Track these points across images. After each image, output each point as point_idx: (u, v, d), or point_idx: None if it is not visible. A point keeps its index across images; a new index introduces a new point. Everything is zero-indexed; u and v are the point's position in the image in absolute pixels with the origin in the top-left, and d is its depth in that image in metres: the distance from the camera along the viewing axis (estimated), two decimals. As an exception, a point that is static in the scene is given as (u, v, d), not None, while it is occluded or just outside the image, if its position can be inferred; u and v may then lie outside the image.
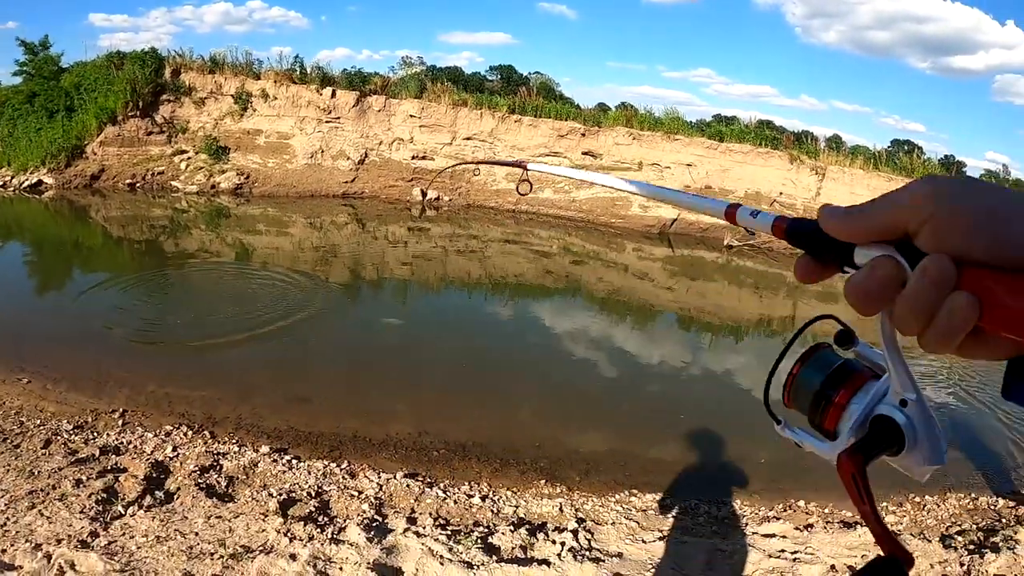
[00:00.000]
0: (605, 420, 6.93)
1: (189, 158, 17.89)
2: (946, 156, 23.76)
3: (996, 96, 66.32)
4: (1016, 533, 4.58)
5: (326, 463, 5.20)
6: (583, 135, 19.29)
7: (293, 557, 3.51)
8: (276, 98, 18.85)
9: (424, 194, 18.54)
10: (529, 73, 30.00)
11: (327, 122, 18.82)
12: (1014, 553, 4.21)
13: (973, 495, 5.94)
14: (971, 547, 4.44)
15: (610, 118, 20.07)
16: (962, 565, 4.09)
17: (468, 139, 19.32)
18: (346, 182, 18.57)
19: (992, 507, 5.65)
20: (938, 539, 4.60)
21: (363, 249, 13.63)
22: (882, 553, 0.53)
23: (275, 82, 18.93)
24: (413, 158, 19.15)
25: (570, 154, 19.31)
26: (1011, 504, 5.60)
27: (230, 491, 4.46)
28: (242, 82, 18.93)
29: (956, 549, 4.35)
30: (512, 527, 4.30)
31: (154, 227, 14.32)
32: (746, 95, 70.86)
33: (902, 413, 0.57)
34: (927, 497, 5.80)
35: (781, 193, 18.28)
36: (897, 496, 5.85)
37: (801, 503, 5.45)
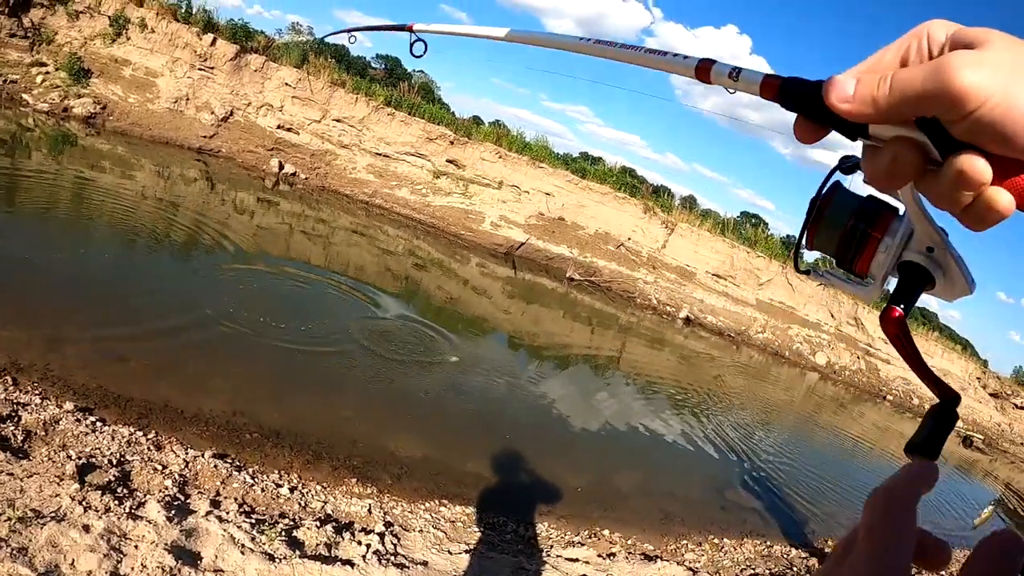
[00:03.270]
0: (425, 427, 6.85)
1: (48, 73, 15.96)
2: (788, 236, 26.45)
3: (845, 192, 75.97)
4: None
5: (132, 430, 4.72)
6: (451, 143, 19.32)
7: (86, 528, 3.18)
8: (154, 31, 17.33)
9: (281, 166, 17.68)
10: (413, 70, 29.84)
11: (200, 69, 17.54)
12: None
13: (769, 542, 6.46)
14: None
15: (481, 133, 20.33)
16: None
17: (338, 121, 18.70)
18: (205, 137, 17.29)
19: (785, 555, 6.17)
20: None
21: (206, 211, 12.69)
22: (936, 399, 0.57)
23: (158, 14, 17.44)
24: (278, 127, 18.24)
25: (434, 159, 19.23)
26: (803, 554, 6.16)
27: (26, 447, 3.94)
28: (124, 5, 17.25)
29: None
30: (319, 523, 4.13)
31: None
32: (616, 140, 74.73)
33: (929, 259, 0.57)
34: (725, 540, 6.23)
35: (630, 238, 19.29)
36: (697, 536, 6.23)
37: (606, 532, 5.65)
